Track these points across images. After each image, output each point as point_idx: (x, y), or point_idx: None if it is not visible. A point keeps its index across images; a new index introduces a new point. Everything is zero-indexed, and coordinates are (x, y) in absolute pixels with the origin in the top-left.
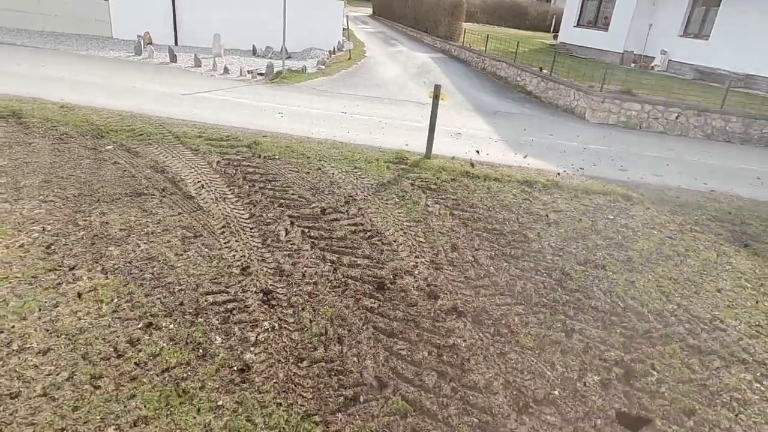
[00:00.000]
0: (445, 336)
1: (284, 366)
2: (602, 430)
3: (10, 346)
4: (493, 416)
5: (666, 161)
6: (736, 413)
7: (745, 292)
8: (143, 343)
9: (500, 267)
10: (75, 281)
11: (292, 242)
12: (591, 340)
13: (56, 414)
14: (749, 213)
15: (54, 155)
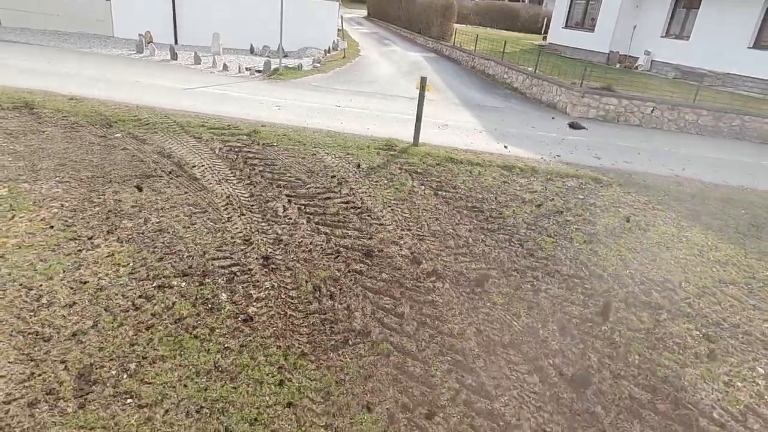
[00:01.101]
0: (425, 293)
1: (283, 317)
2: (558, 367)
3: (40, 301)
4: (464, 356)
5: (638, 151)
6: (676, 354)
7: (696, 260)
8: (157, 298)
9: (478, 239)
10: (94, 248)
11: (289, 217)
12: (555, 297)
13: (84, 353)
14: (709, 195)
15: (67, 142)
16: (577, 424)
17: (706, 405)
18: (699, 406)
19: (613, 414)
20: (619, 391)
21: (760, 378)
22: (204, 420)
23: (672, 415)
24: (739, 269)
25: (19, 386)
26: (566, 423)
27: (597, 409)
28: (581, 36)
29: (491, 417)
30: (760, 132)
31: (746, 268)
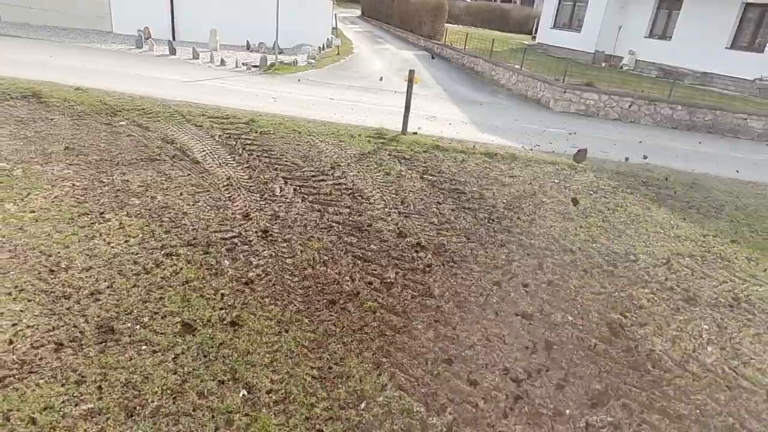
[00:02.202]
0: (409, 262)
1: (280, 281)
2: (525, 323)
3: (59, 265)
4: (442, 314)
5: (614, 142)
6: (632, 313)
7: (658, 236)
8: (166, 264)
9: (459, 216)
10: (105, 222)
11: (286, 197)
12: (527, 266)
13: (101, 309)
14: (675, 180)
15: (74, 129)
16: (541, 368)
17: (654, 354)
18: (649, 354)
19: (573, 359)
20: (579, 341)
21: (704, 332)
22: (210, 361)
23: (624, 361)
24: (696, 244)
25: (46, 335)
26: (530, 366)
27: (558, 356)
28: (569, 36)
29: (464, 361)
30: (730, 126)
31: (703, 243)
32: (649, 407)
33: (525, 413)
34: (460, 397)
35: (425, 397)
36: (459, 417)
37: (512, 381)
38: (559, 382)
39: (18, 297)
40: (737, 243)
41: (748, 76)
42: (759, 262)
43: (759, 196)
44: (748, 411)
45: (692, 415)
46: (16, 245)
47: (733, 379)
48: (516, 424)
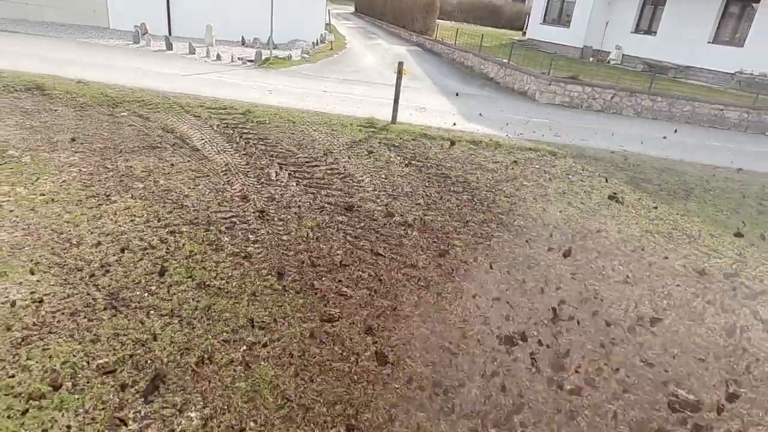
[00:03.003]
0: (396, 238)
1: (276, 254)
2: (501, 289)
3: (71, 242)
4: (425, 282)
5: (595, 131)
6: (600, 281)
7: (630, 216)
8: (170, 241)
9: (444, 198)
10: (111, 204)
11: (281, 181)
12: (504, 241)
13: (112, 279)
14: (650, 166)
15: (78, 119)
16: (513, 329)
17: (620, 315)
18: (616, 317)
19: (545, 324)
20: (549, 304)
21: (664, 296)
22: (213, 323)
23: (594, 326)
24: (665, 222)
25: (62, 302)
26: (504, 325)
27: (530, 319)
28: (558, 32)
29: (444, 322)
30: (708, 116)
31: (671, 222)
32: (605, 358)
33: (503, 374)
34: (440, 354)
35: (407, 351)
36: (439, 367)
37: (498, 342)
38: (536, 349)
39: (34, 269)
40: (704, 222)
41: (729, 69)
42: (721, 237)
43: (728, 180)
44: (696, 362)
45: (646, 367)
46: (29, 224)
47: (687, 337)
48: (492, 387)
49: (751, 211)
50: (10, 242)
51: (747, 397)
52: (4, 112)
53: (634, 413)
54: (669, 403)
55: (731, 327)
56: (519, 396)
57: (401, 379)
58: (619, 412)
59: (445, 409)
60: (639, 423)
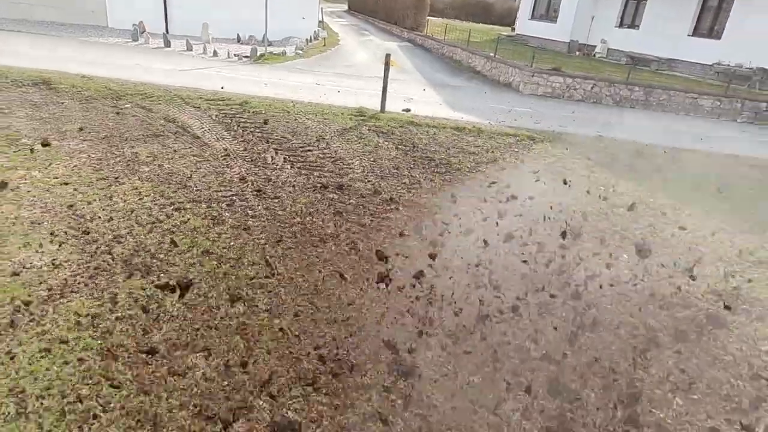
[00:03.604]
0: (382, 212)
1: (273, 227)
2: (463, 243)
3: (85, 217)
4: (404, 241)
5: (573, 119)
6: (566, 249)
7: (596, 192)
8: (175, 216)
9: (427, 178)
10: (120, 185)
11: (276, 164)
12: (482, 214)
13: (124, 248)
14: (622, 149)
15: (84, 111)
16: (473, 281)
17: (580, 278)
18: (576, 279)
19: (498, 271)
20: (506, 260)
21: (623, 260)
22: (217, 282)
23: (550, 278)
24: (631, 197)
25: (81, 267)
26: (468, 272)
27: (481, 268)
28: (545, 27)
29: (421, 276)
30: (683, 105)
31: (635, 197)
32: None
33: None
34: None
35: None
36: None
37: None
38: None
39: (54, 240)
40: (668, 197)
41: (707, 61)
42: (682, 209)
43: (693, 161)
44: (645, 313)
45: (605, 319)
46: (46, 203)
47: (642, 290)
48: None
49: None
50: (30, 218)
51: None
52: (14, 105)
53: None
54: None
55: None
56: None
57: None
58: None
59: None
60: None
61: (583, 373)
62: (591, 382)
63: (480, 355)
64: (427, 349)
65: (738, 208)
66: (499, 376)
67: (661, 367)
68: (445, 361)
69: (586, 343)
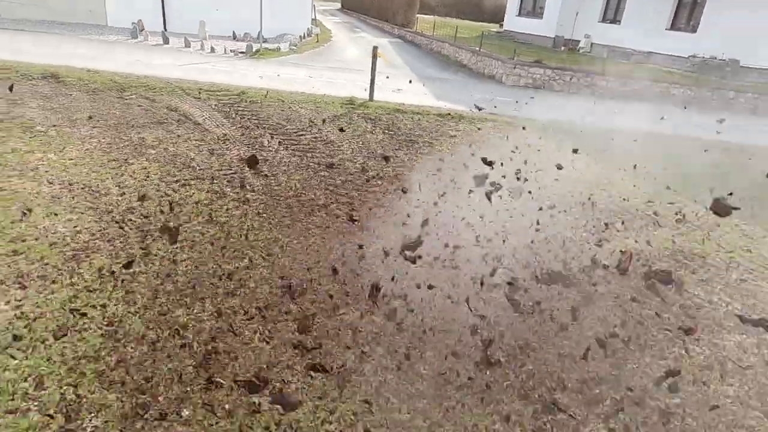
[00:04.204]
0: (368, 187)
1: (270, 200)
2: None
3: (99, 193)
4: (390, 214)
5: (550, 107)
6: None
7: (539, 157)
8: (181, 191)
9: (410, 158)
10: (129, 165)
11: (272, 147)
12: (458, 187)
13: (136, 216)
14: (586, 131)
15: (91, 101)
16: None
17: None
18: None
19: (454, 227)
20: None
21: (596, 234)
22: (221, 243)
23: (506, 243)
24: (590, 171)
25: (99, 232)
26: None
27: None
28: (532, 23)
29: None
30: (655, 94)
31: (592, 169)
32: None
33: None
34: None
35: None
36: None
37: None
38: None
39: (73, 212)
40: (620, 170)
41: (684, 53)
42: (629, 179)
43: (646, 141)
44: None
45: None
46: (63, 181)
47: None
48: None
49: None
50: (50, 193)
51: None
52: (26, 96)
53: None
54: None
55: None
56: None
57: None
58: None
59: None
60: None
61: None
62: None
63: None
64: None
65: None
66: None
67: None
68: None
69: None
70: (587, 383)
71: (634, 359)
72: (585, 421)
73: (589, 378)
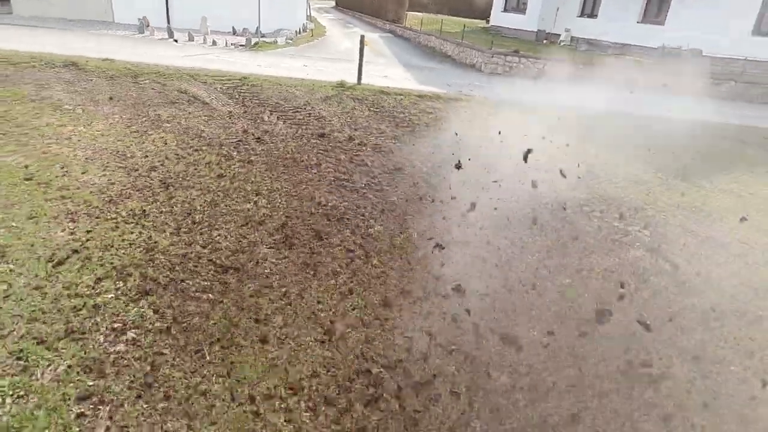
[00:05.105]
0: (354, 152)
1: (270, 162)
2: (412, 170)
3: (126, 156)
4: (372, 174)
5: (522, 90)
6: (471, 160)
7: (523, 130)
8: (194, 155)
9: (392, 129)
10: (149, 136)
11: (272, 121)
12: (428, 151)
13: (159, 173)
14: (547, 110)
15: (110, 85)
16: (404, 188)
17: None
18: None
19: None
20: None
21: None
22: (227, 192)
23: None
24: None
25: (128, 185)
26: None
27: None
28: (516, 18)
29: (381, 187)
30: (622, 80)
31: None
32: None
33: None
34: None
35: (358, 201)
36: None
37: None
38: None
39: (105, 170)
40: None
41: (654, 44)
42: (572, 146)
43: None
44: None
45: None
46: (94, 148)
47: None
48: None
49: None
50: (85, 157)
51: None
52: (51, 81)
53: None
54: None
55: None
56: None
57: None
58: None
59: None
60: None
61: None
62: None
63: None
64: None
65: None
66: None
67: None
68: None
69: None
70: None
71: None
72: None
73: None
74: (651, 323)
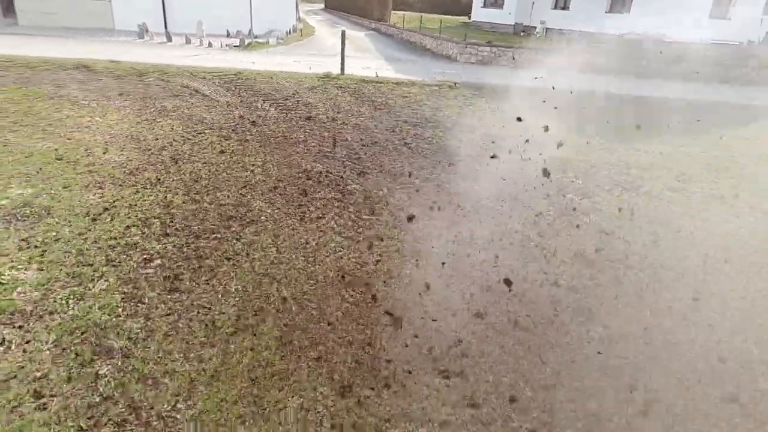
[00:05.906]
0: (338, 130)
1: (264, 140)
2: (392, 147)
3: (139, 139)
4: (352, 148)
5: (495, 77)
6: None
7: (485, 114)
8: (199, 137)
9: (370, 111)
10: (158, 123)
11: (264, 108)
12: (405, 128)
13: (169, 152)
14: (515, 91)
15: (119, 83)
16: (388, 159)
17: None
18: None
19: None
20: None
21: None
22: (228, 164)
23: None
24: (495, 116)
25: (143, 162)
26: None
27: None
28: (494, 12)
29: (372, 171)
30: (584, 65)
31: (499, 118)
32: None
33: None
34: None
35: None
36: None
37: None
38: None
39: (123, 150)
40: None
41: (621, 32)
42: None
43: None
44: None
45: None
46: (111, 133)
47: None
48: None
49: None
50: (104, 141)
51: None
52: (66, 81)
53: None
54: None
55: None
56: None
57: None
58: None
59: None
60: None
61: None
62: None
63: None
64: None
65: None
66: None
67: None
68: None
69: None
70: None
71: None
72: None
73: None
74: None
